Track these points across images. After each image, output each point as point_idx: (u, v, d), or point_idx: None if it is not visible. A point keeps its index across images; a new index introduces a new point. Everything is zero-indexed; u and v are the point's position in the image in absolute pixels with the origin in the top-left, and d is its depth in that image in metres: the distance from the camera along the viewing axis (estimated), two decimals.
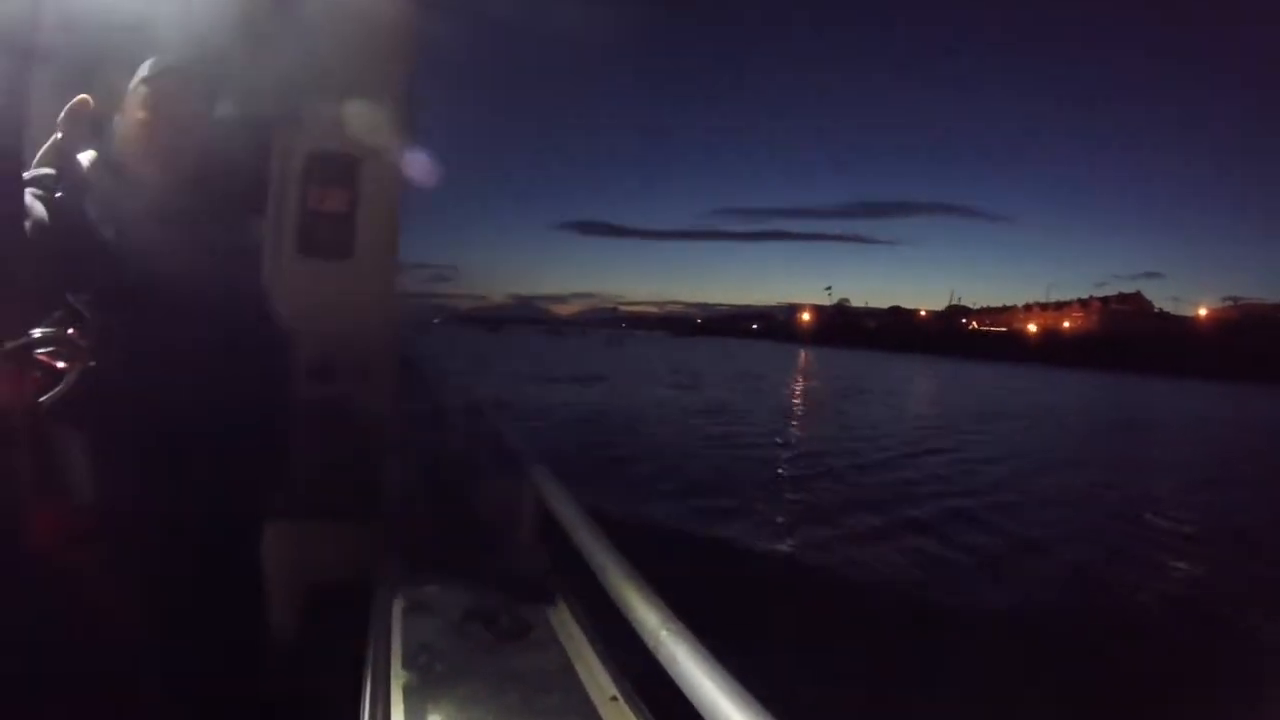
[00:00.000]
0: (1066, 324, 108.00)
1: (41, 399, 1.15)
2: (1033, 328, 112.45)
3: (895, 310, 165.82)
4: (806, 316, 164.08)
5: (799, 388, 33.50)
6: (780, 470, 12.46)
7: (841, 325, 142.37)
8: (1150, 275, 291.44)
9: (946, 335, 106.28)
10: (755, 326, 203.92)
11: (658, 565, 1.57)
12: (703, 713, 0.99)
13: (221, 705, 1.58)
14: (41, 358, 1.18)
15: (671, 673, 1.10)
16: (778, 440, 16.04)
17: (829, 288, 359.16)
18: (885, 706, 4.36)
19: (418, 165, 2.84)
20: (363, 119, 2.56)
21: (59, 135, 1.56)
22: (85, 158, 1.60)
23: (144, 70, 1.64)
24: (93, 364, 1.25)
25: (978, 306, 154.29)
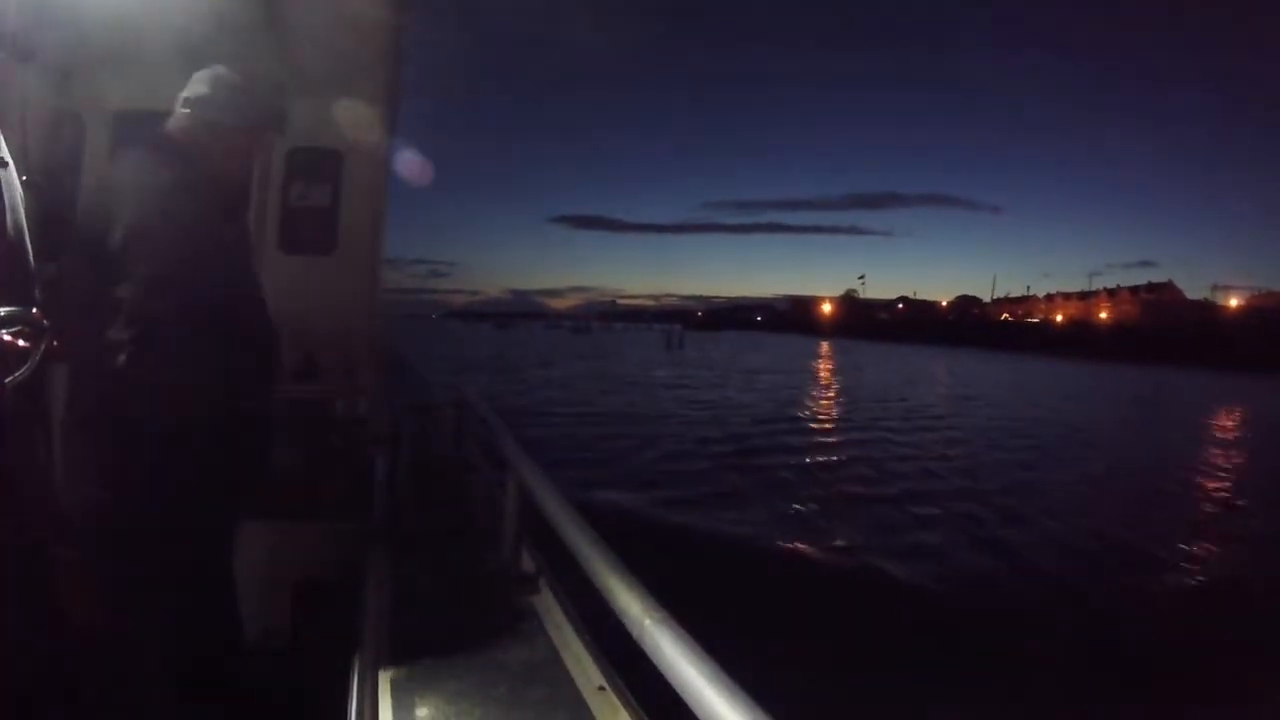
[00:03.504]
0: (1104, 314, 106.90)
1: (6, 380, 1.17)
2: (1059, 318, 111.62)
3: (904, 300, 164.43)
4: (828, 308, 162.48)
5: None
6: None
7: (860, 317, 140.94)
8: (1145, 264, 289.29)
9: (972, 326, 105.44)
10: (759, 318, 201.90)
11: None
12: (687, 700, 1.02)
13: (211, 700, 1.66)
14: (5, 338, 1.20)
15: (655, 661, 1.14)
16: None
17: (862, 277, 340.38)
18: None
19: (403, 160, 2.91)
20: (346, 114, 2.63)
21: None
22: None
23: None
24: (56, 343, 1.29)
25: (989, 298, 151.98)
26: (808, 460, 12.65)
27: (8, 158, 1.21)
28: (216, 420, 1.60)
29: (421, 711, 1.55)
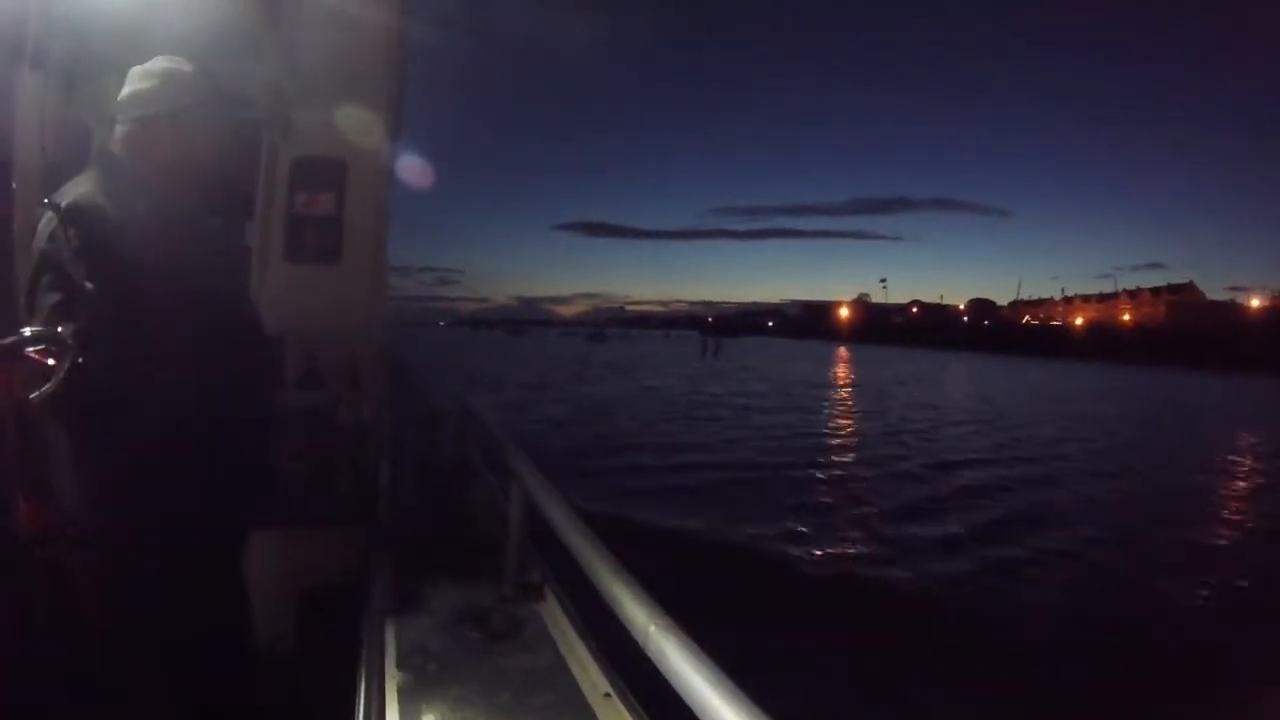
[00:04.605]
0: (1127, 316, 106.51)
1: (33, 395, 1.21)
2: (1079, 321, 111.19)
3: (918, 304, 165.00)
4: (845, 313, 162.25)
5: None
6: None
7: (876, 322, 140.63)
8: (1153, 266, 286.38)
9: (991, 330, 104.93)
10: (770, 323, 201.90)
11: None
12: (693, 706, 1.03)
13: (217, 707, 1.69)
14: (32, 355, 1.25)
15: (661, 668, 1.15)
16: None
17: (883, 280, 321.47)
18: None
19: (407, 167, 2.96)
20: (349, 122, 2.68)
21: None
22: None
23: (168, 76, 1.71)
24: (81, 360, 1.32)
25: (1001, 302, 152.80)
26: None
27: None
28: (201, 426, 1.60)
29: (428, 718, 1.57)
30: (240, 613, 1.89)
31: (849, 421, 20.16)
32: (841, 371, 44.95)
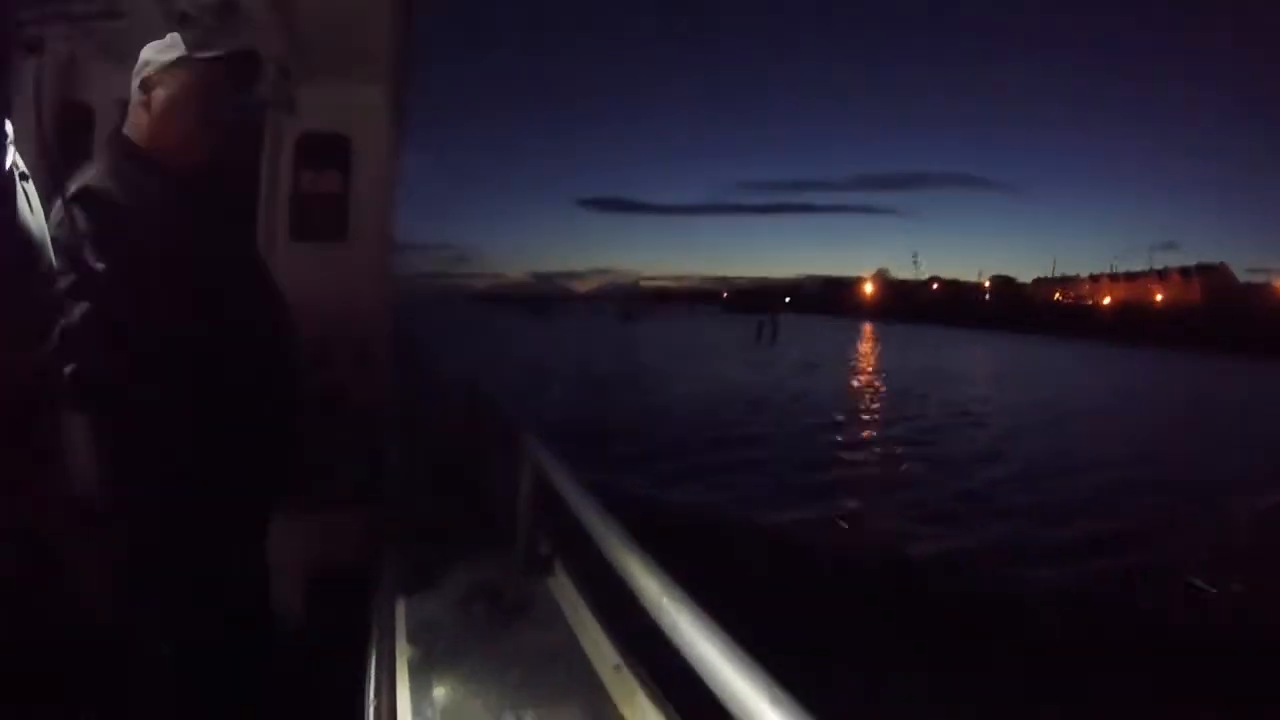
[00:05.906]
0: (1159, 297, 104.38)
1: (25, 372, 1.23)
2: (1108, 301, 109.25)
3: (938, 280, 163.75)
4: (870, 289, 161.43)
5: None
6: None
7: (901, 299, 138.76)
8: (1168, 246, 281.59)
9: (1016, 309, 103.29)
10: (788, 300, 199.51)
11: None
12: (705, 679, 1.04)
13: (229, 685, 1.73)
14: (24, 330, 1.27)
15: (673, 640, 1.16)
16: None
17: (916, 255, 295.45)
18: None
19: (413, 144, 2.97)
20: (354, 99, 2.69)
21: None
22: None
23: (172, 49, 1.75)
24: (83, 340, 1.36)
25: (1021, 279, 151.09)
26: None
27: (27, 170, 1.27)
28: (218, 408, 1.64)
29: (439, 691, 1.61)
30: (252, 593, 1.93)
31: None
32: (930, 355, 39.58)
